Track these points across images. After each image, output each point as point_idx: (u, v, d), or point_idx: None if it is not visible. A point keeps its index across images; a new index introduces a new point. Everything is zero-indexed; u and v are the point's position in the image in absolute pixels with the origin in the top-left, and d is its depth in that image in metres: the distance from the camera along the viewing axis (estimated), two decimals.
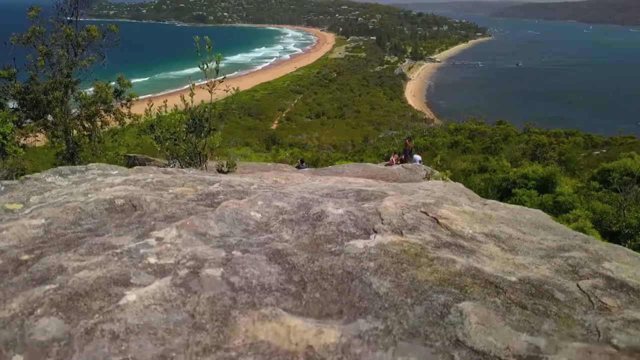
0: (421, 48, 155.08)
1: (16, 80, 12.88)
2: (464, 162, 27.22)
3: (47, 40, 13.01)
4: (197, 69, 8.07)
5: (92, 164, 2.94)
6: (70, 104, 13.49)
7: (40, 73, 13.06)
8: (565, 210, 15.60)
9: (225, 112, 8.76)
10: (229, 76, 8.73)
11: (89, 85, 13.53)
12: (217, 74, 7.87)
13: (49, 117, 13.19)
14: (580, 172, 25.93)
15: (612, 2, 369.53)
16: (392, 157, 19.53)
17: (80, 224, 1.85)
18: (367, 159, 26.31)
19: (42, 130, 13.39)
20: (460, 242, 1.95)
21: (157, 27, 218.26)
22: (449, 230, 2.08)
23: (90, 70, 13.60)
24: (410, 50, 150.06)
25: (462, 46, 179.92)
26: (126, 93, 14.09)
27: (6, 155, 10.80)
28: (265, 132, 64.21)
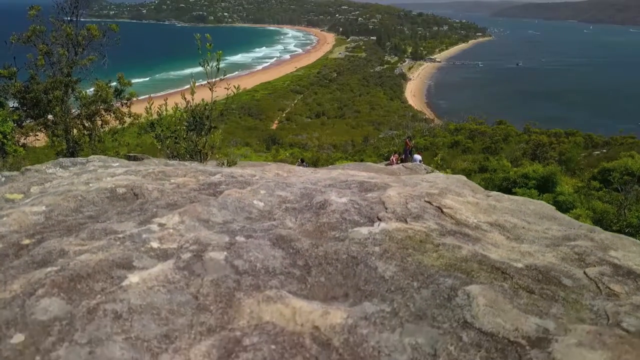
0: (421, 48, 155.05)
1: (16, 79, 12.86)
2: (465, 161, 27.22)
3: (47, 39, 12.99)
4: (198, 68, 8.05)
5: (92, 156, 2.93)
6: (71, 103, 13.47)
7: (40, 72, 13.04)
8: (565, 209, 15.58)
9: (226, 111, 8.74)
10: (230, 76, 8.70)
11: (89, 85, 13.51)
12: (218, 72, 7.85)
13: (49, 116, 13.17)
14: (581, 171, 25.91)
15: (612, 2, 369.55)
16: (392, 157, 19.53)
17: (82, 211, 1.83)
18: (367, 159, 26.30)
19: (43, 129, 13.37)
20: (465, 231, 1.93)
21: (157, 27, 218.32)
22: (454, 219, 2.06)
23: (90, 69, 13.58)
24: (410, 50, 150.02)
25: (462, 46, 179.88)
26: (126, 92, 14.07)
27: (6, 154, 10.78)
28: (265, 132, 64.18)
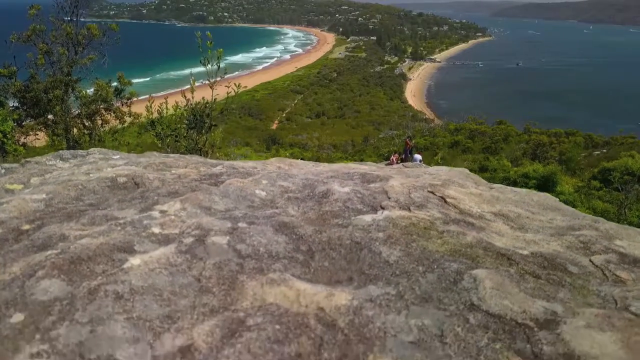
0: (421, 48, 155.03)
1: (16, 78, 12.84)
2: (465, 161, 27.19)
3: (47, 39, 12.98)
4: (198, 68, 8.04)
5: (93, 149, 2.91)
6: (71, 103, 13.45)
7: (40, 71, 13.03)
8: None
9: (226, 110, 8.73)
10: (230, 76, 8.69)
11: (89, 85, 13.50)
12: (219, 69, 7.84)
13: (50, 116, 13.16)
14: (581, 171, 25.90)
15: (612, 2, 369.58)
16: (392, 157, 19.51)
17: (82, 199, 1.81)
18: (368, 159, 26.29)
19: (43, 128, 13.36)
20: (469, 220, 1.91)
21: (157, 27, 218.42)
22: (457, 209, 2.04)
23: (90, 68, 13.56)
24: (410, 50, 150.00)
25: (462, 46, 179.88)
26: (126, 92, 14.05)
27: (6, 153, 10.76)
28: (265, 132, 64.18)
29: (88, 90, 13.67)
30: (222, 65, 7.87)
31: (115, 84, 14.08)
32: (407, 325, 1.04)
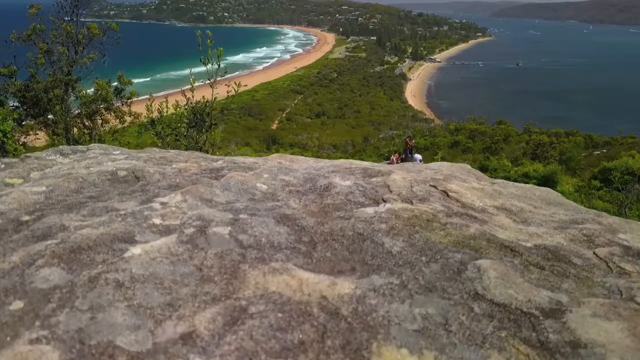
0: (421, 48, 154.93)
1: (16, 78, 12.81)
2: (465, 161, 27.14)
3: (47, 38, 12.95)
4: (199, 68, 8.02)
5: (93, 144, 2.90)
6: (71, 102, 13.43)
7: (40, 71, 13.00)
8: None
9: (227, 109, 8.72)
10: (231, 76, 8.67)
11: (89, 84, 13.47)
12: (219, 68, 7.82)
13: (50, 115, 13.13)
14: (581, 171, 25.86)
15: (613, 2, 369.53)
16: (392, 157, 19.50)
17: (82, 192, 1.80)
18: (368, 159, 26.25)
19: (43, 128, 13.33)
20: (471, 213, 1.90)
21: (157, 27, 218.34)
22: (460, 202, 2.03)
23: (90, 68, 13.53)
24: (410, 50, 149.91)
25: (462, 46, 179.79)
26: (127, 91, 14.03)
27: (7, 153, 10.74)
28: (265, 132, 64.15)
29: (88, 90, 13.64)
30: (222, 64, 7.86)
31: (115, 83, 14.06)
32: (411, 314, 1.03)
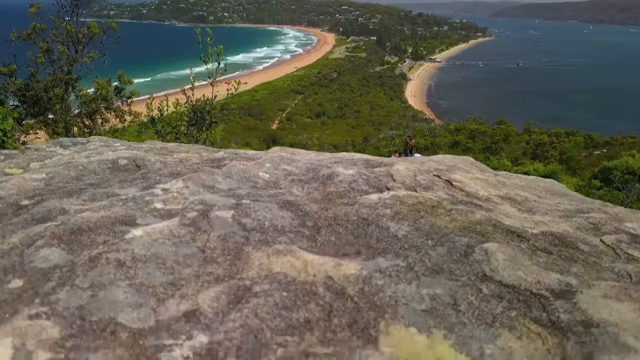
0: (421, 48, 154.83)
1: (16, 77, 12.79)
2: None
3: (47, 37, 12.93)
4: (199, 68, 7.99)
5: (93, 137, 2.88)
6: (71, 101, 13.41)
7: (40, 70, 12.97)
8: None
9: (226, 108, 8.71)
10: (231, 76, 8.65)
11: (89, 84, 13.45)
12: (219, 66, 7.80)
13: (50, 115, 13.11)
14: (582, 170, 25.82)
15: (613, 2, 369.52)
16: (392, 156, 19.50)
17: (82, 179, 1.78)
18: None
19: (43, 127, 13.31)
20: (476, 202, 1.88)
21: (157, 27, 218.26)
22: (464, 192, 2.01)
23: (91, 67, 13.51)
24: (410, 50, 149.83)
25: (462, 46, 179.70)
26: (127, 90, 14.01)
27: None
28: (265, 132, 64.07)
29: (88, 90, 13.61)
30: (222, 63, 7.84)
31: (115, 83, 14.03)
32: (418, 295, 1.01)
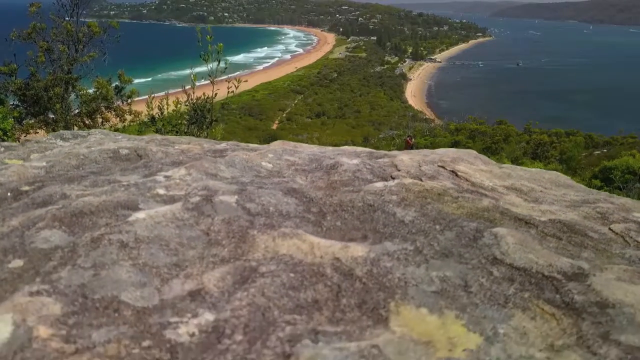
0: (421, 48, 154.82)
1: (16, 76, 12.76)
2: None
3: (47, 36, 12.90)
4: (199, 68, 7.98)
5: (94, 130, 2.86)
6: (71, 101, 13.39)
7: (40, 69, 12.95)
8: None
9: (226, 108, 8.71)
10: (232, 76, 8.62)
11: (90, 83, 13.42)
12: (219, 64, 7.79)
13: (50, 114, 13.09)
14: (582, 170, 25.80)
15: (613, 2, 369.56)
16: None
17: (84, 168, 1.76)
18: None
19: (43, 126, 13.29)
20: (482, 191, 1.86)
21: (157, 27, 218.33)
22: (469, 182, 1.99)
23: (91, 66, 13.48)
24: (410, 50, 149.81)
25: (462, 46, 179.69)
26: (127, 90, 13.99)
27: None
28: (265, 132, 64.05)
29: (88, 89, 13.59)
30: (223, 62, 7.82)
31: (115, 83, 14.01)
32: (428, 277, 0.99)
